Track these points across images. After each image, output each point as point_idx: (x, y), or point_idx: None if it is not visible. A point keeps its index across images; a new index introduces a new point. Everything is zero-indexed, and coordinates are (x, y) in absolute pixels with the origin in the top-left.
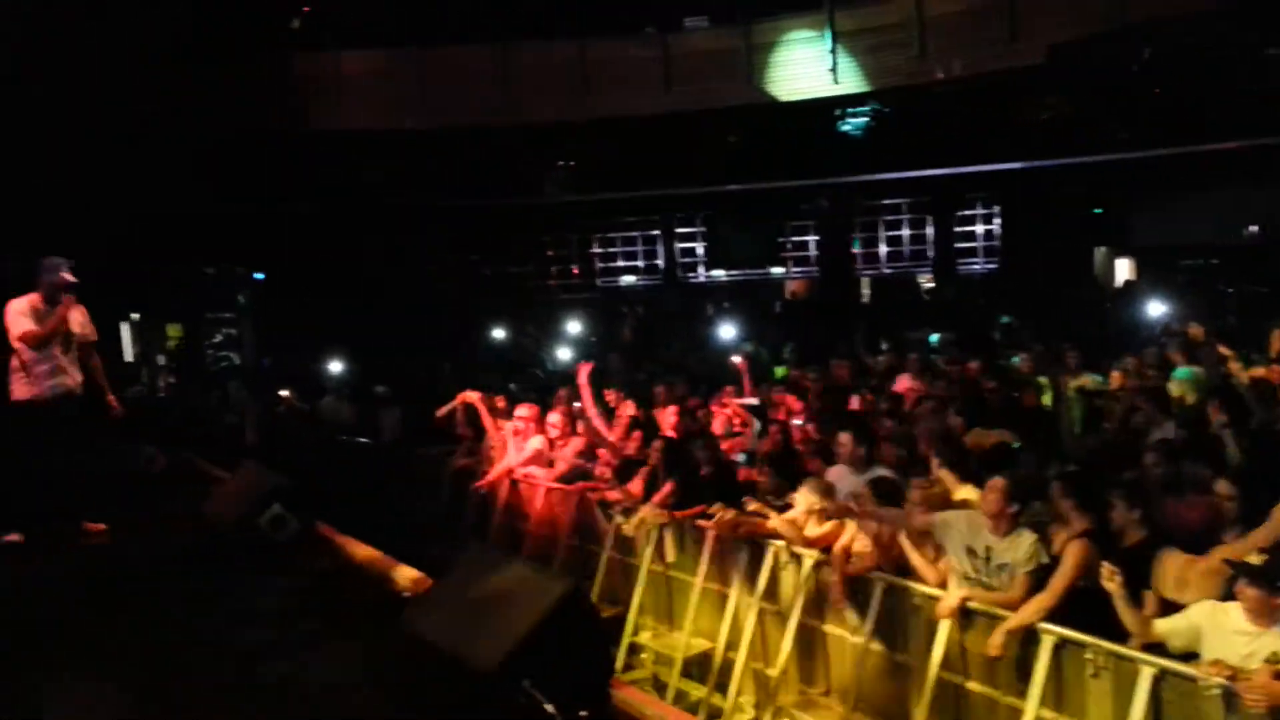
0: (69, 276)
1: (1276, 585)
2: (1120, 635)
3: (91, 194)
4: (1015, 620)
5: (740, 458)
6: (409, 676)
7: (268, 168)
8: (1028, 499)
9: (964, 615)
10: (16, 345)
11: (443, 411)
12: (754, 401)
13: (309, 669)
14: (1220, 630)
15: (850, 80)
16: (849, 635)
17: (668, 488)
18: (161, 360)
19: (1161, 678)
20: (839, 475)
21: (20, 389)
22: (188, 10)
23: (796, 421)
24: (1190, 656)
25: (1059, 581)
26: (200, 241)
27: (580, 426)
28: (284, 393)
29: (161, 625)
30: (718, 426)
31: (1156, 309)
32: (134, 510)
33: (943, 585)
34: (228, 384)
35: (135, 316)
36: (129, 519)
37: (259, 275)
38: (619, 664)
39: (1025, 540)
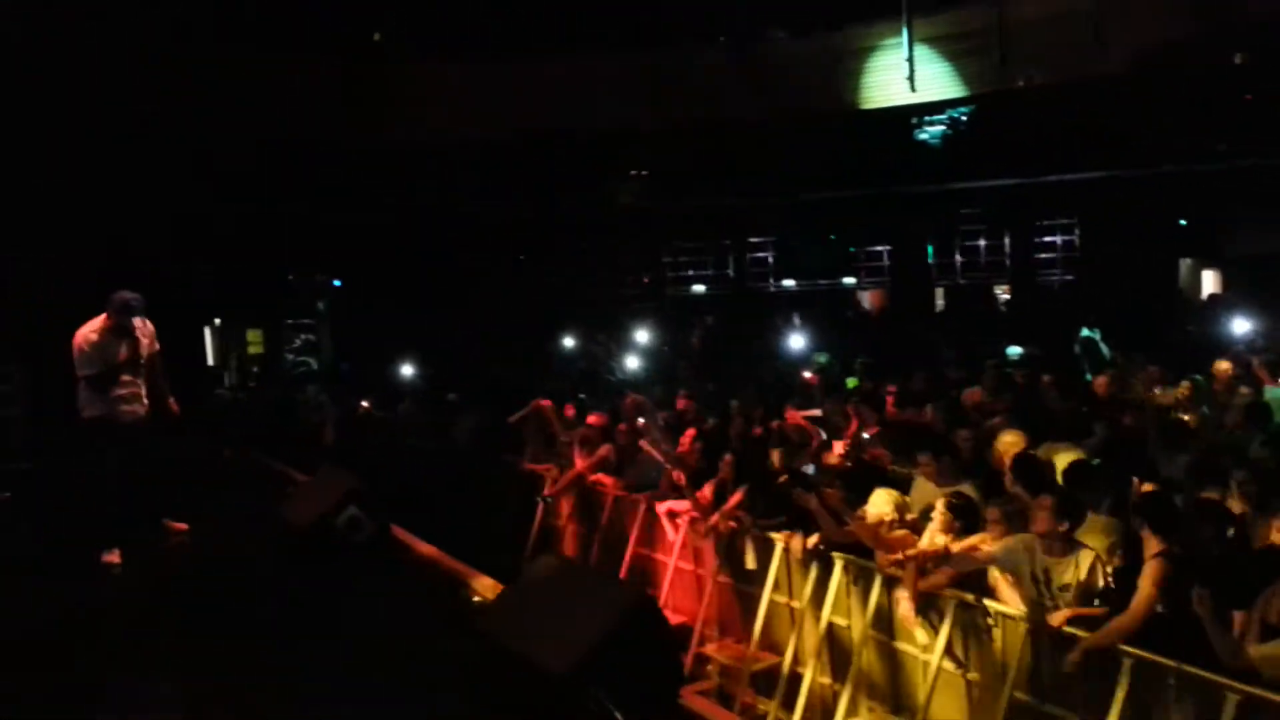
0: (136, 321)
1: None
2: (1206, 658)
3: (175, 201)
4: (1092, 640)
5: (809, 469)
6: (483, 680)
7: (347, 177)
8: (1080, 516)
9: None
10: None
11: (515, 419)
12: (817, 413)
13: (384, 670)
14: None
15: (929, 88)
16: (920, 653)
17: (736, 496)
18: (241, 364)
19: (1248, 704)
20: (918, 489)
21: (93, 408)
22: (271, 20)
23: (867, 435)
24: None
25: (1137, 604)
26: (281, 248)
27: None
28: (364, 403)
29: (236, 623)
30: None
31: (1243, 324)
32: (213, 512)
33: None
34: (306, 388)
35: (217, 322)
36: (209, 521)
37: (337, 282)
38: (686, 674)
39: (1084, 560)
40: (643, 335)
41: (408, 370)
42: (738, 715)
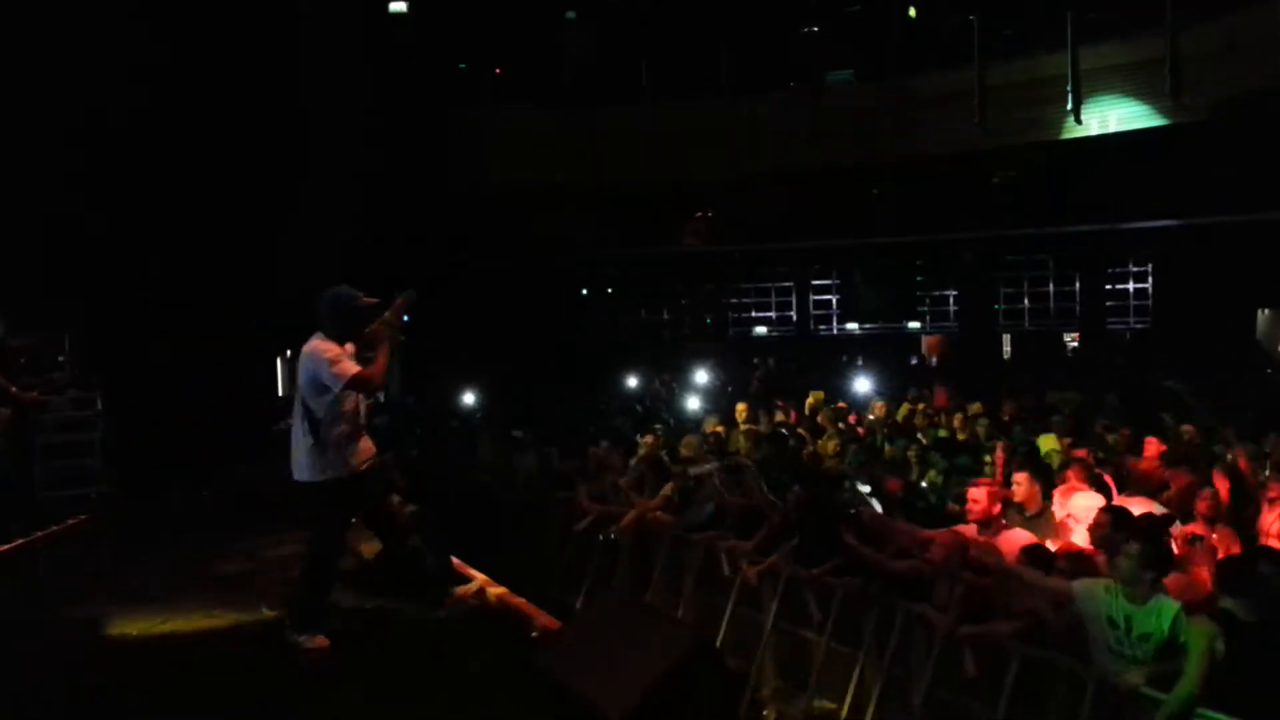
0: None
1: None
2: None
3: (249, 234)
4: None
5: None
6: (540, 716)
7: (421, 218)
8: (1165, 565)
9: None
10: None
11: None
12: None
13: (439, 703)
14: None
15: (1000, 134)
16: (983, 709)
17: (794, 541)
18: None
19: None
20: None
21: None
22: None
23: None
24: None
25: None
26: (351, 282)
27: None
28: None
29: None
30: None
31: None
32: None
33: None
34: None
35: (289, 353)
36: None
37: (406, 318)
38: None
39: (1168, 609)
40: (704, 376)
41: (469, 402)
42: None
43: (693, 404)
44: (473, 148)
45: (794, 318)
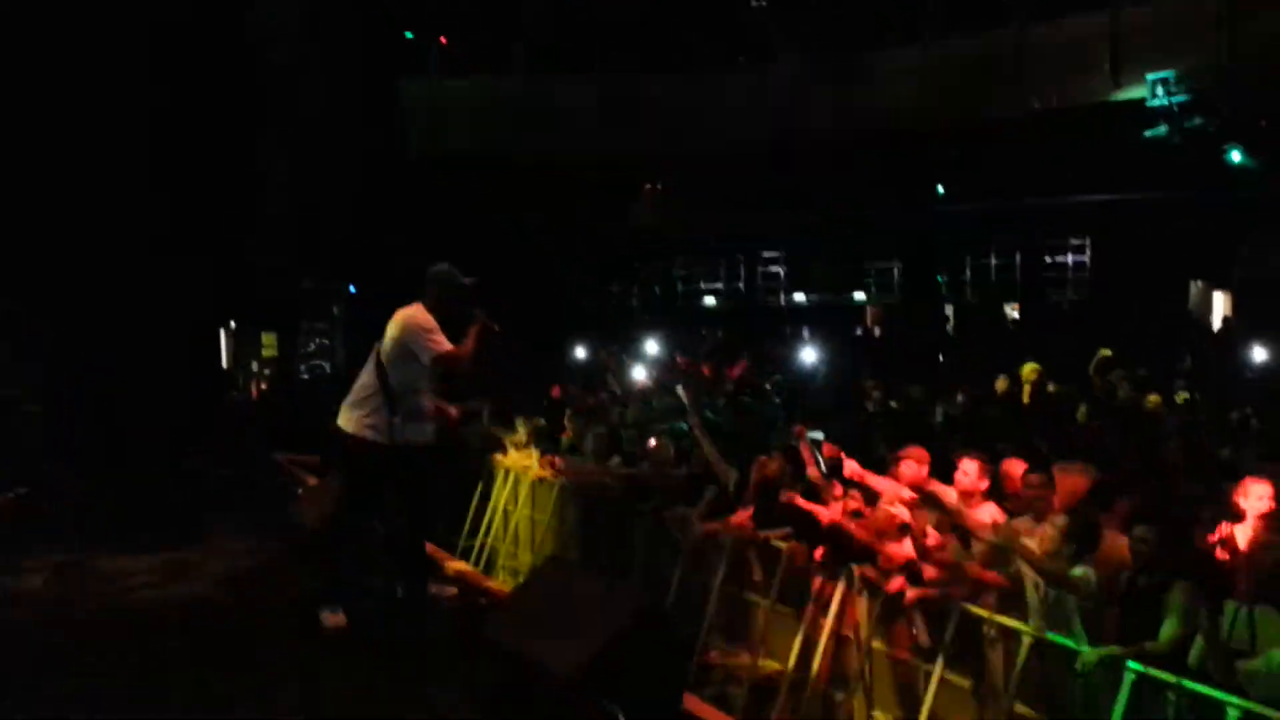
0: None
1: None
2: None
3: (196, 205)
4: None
5: None
6: (492, 683)
7: (373, 188)
8: (1092, 540)
9: (1042, 646)
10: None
11: None
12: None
13: (392, 668)
14: None
15: (947, 109)
16: (921, 663)
17: (750, 509)
18: (255, 367)
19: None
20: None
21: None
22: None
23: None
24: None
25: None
26: (299, 255)
27: None
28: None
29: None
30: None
31: (1260, 353)
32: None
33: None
34: (318, 391)
35: (233, 324)
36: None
37: (352, 288)
38: (689, 679)
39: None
40: (651, 347)
41: None
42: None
43: (639, 374)
44: (427, 117)
45: (742, 289)
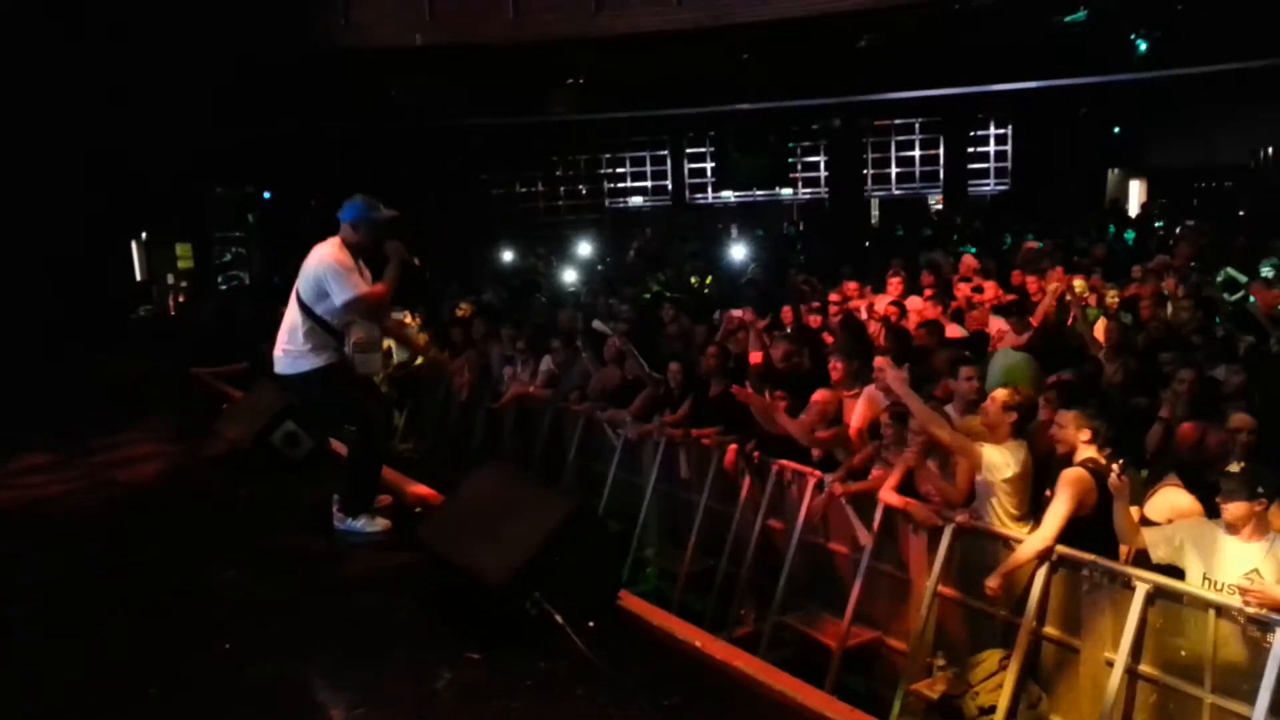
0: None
1: (1256, 493)
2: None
3: (101, 114)
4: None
5: None
6: (425, 586)
7: (274, 86)
8: (1028, 411)
9: (961, 533)
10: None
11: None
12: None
13: (324, 581)
14: (1203, 542)
15: None
16: (850, 552)
17: (684, 409)
18: (171, 280)
19: (1155, 594)
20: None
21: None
22: None
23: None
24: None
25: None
26: (208, 160)
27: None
28: None
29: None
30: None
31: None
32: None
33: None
34: (237, 303)
35: (144, 235)
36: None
37: (267, 194)
38: (625, 578)
39: (1021, 451)
40: (582, 248)
41: None
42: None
43: (570, 277)
44: (327, 7)
45: (669, 187)
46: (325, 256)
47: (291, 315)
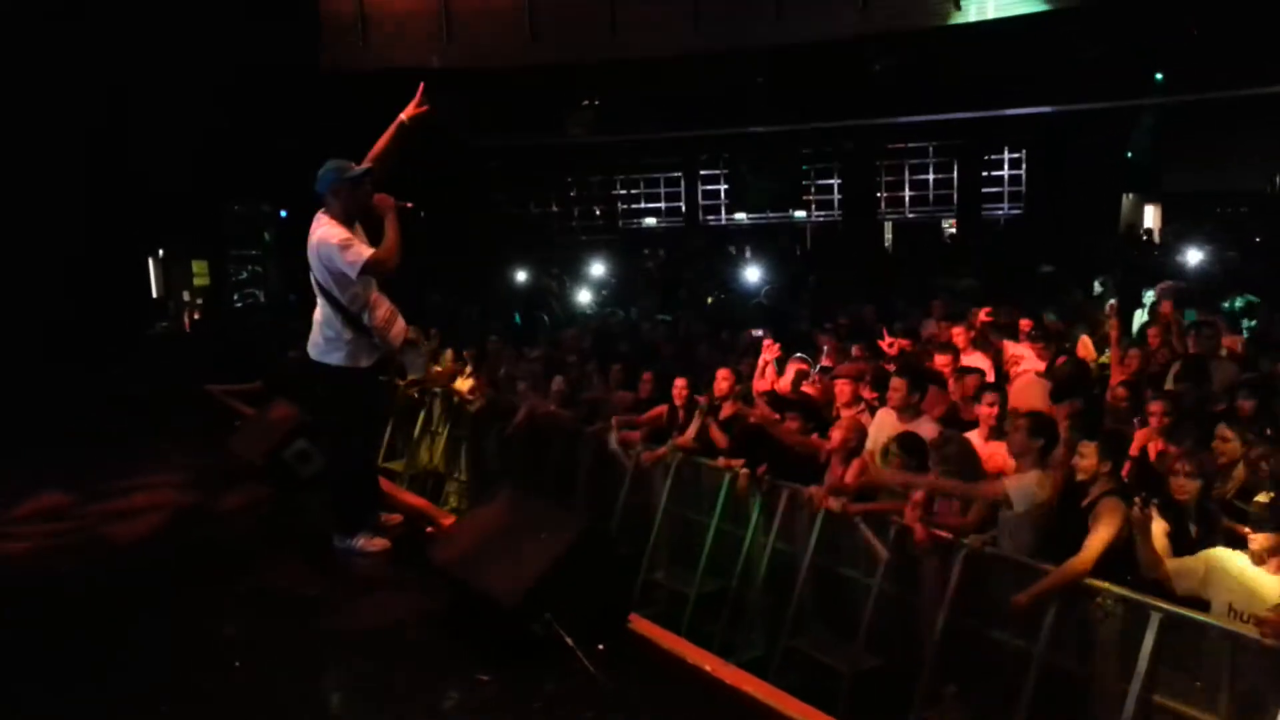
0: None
1: None
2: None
3: (118, 128)
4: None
5: None
6: (435, 608)
7: (295, 105)
8: (1052, 437)
9: (977, 560)
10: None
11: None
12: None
13: (333, 598)
14: (1229, 574)
15: (880, 20)
16: (862, 577)
17: (694, 427)
18: (187, 296)
19: (1169, 622)
20: (883, 420)
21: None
22: None
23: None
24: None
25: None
26: (226, 178)
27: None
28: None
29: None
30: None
31: (1194, 257)
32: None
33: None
34: (251, 320)
35: (161, 252)
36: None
37: (284, 213)
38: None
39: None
40: (596, 268)
41: None
42: (684, 638)
43: (584, 297)
44: (345, 29)
45: (683, 209)
46: (320, 236)
47: (320, 308)
